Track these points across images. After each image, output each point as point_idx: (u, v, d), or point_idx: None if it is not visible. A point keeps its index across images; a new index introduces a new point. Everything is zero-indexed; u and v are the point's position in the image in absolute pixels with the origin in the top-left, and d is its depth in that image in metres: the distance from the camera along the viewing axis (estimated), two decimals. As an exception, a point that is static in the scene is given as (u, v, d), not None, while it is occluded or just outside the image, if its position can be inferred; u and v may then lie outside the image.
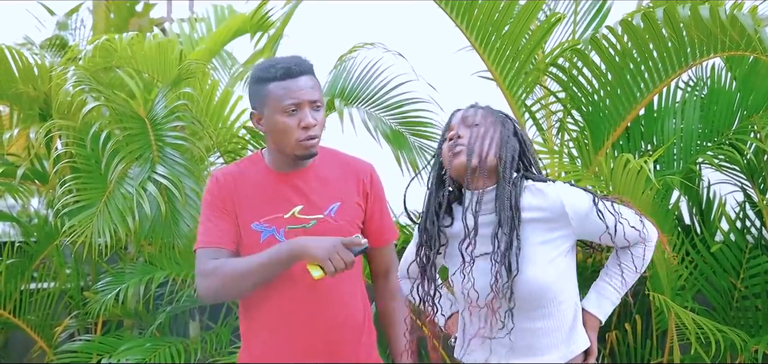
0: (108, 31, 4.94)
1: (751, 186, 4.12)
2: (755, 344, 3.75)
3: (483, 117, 2.47)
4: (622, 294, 2.57)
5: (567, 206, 2.41)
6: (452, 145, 2.43)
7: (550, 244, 2.42)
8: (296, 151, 2.59)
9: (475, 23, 3.74)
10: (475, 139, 2.42)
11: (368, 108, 4.26)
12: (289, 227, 2.61)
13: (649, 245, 2.54)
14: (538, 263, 2.38)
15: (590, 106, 3.82)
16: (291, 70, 2.60)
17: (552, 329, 2.43)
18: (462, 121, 2.47)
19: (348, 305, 2.68)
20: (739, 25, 3.03)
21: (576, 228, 2.43)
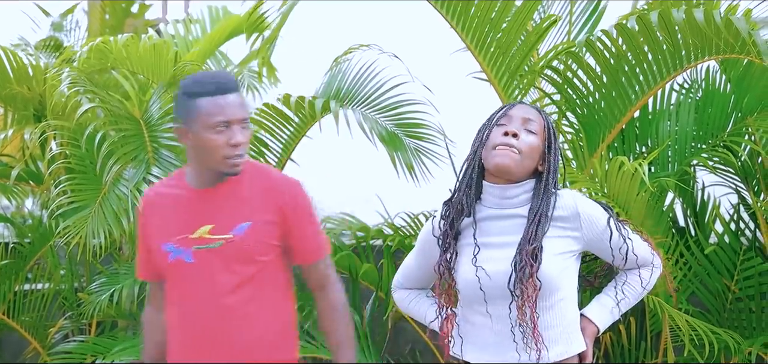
0: (103, 32, 4.93)
1: (745, 188, 4.14)
2: (749, 345, 3.76)
3: (540, 127, 2.48)
4: (622, 311, 2.59)
5: (581, 210, 2.45)
6: (505, 142, 2.43)
7: (558, 240, 2.44)
8: (221, 168, 2.51)
9: (470, 25, 3.75)
10: (526, 150, 2.44)
11: (364, 109, 4.26)
12: (196, 247, 2.54)
13: (655, 271, 2.58)
14: (546, 254, 2.40)
15: (585, 108, 3.83)
16: (222, 86, 2.51)
17: (552, 324, 2.44)
18: (522, 120, 2.47)
19: (255, 326, 2.57)
20: (733, 29, 3.04)
21: (585, 234, 2.46)
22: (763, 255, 4.08)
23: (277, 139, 4.53)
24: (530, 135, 2.45)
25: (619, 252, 2.50)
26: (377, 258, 4.44)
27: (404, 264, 2.74)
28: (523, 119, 2.47)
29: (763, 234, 4.07)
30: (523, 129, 2.45)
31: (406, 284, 2.74)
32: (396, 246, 4.30)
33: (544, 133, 2.48)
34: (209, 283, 2.52)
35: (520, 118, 2.47)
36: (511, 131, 2.43)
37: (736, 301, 4.04)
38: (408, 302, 2.75)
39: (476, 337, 2.50)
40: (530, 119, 2.47)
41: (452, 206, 2.52)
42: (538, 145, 2.46)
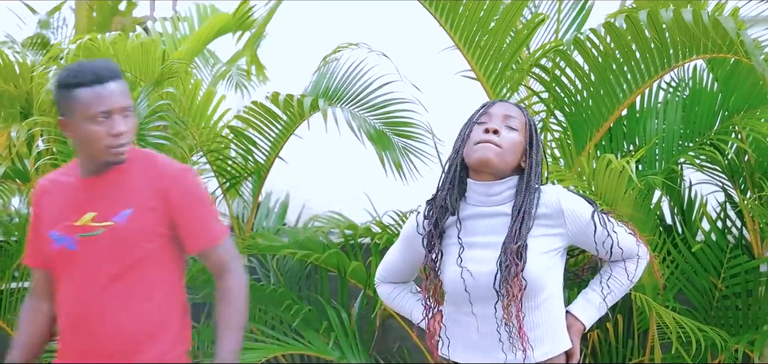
0: (90, 30, 4.92)
1: (732, 186, 4.16)
2: (735, 343, 3.78)
3: (522, 123, 2.49)
4: (609, 306, 2.59)
5: (564, 206, 2.45)
6: (486, 139, 2.44)
7: (543, 238, 2.44)
8: (105, 158, 2.50)
9: (458, 23, 3.75)
10: (507, 147, 2.45)
11: (352, 108, 4.26)
12: (80, 234, 2.53)
13: (641, 262, 2.58)
14: (530, 254, 2.40)
15: (573, 106, 3.84)
16: (100, 75, 2.48)
17: (539, 323, 2.45)
18: (503, 117, 2.48)
19: (137, 314, 2.53)
20: (721, 28, 3.06)
21: (570, 229, 2.46)
22: (750, 253, 4.10)
23: (265, 138, 4.53)
24: (511, 131, 2.46)
25: (603, 247, 2.50)
26: (365, 256, 4.45)
27: (387, 257, 2.74)
28: (504, 116, 2.48)
29: (749, 232, 4.09)
30: (504, 126, 2.47)
31: (389, 277, 2.74)
32: (384, 244, 4.30)
33: (525, 130, 2.49)
34: (92, 270, 2.51)
35: (501, 115, 2.49)
36: (491, 128, 2.44)
37: (723, 298, 4.06)
38: (393, 298, 2.75)
39: (463, 337, 2.50)
40: (511, 116, 2.48)
41: (436, 205, 2.52)
42: (520, 142, 2.47)
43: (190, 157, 4.42)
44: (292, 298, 4.30)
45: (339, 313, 4.32)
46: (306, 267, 4.67)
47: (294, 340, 4.19)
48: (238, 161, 4.62)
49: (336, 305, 4.36)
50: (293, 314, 4.19)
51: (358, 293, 4.49)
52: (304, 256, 4.23)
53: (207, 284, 4.19)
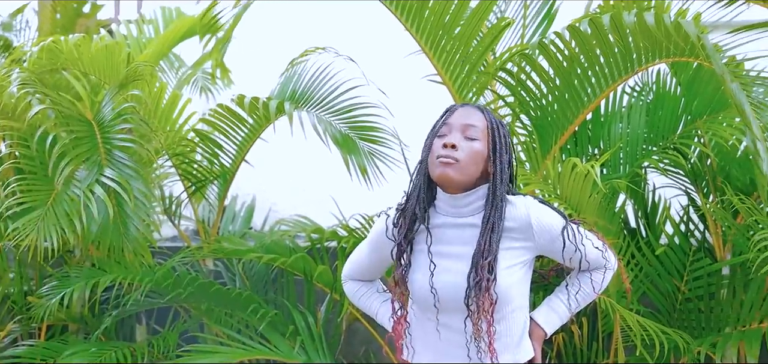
0: (54, 32, 4.87)
1: (695, 190, 4.20)
2: (698, 345, 3.82)
3: (489, 130, 2.43)
4: (572, 314, 2.59)
5: (533, 219, 2.41)
6: (444, 155, 2.39)
7: (510, 251, 2.42)
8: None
9: (424, 27, 3.76)
10: (468, 160, 2.39)
11: (318, 112, 4.26)
12: None
13: (608, 273, 2.57)
14: (498, 267, 2.38)
15: (538, 110, 3.86)
16: None
17: (502, 335, 2.43)
18: (462, 127, 2.42)
19: None
20: (683, 32, 3.08)
21: (538, 242, 2.43)
22: (712, 256, 4.15)
23: (231, 141, 4.52)
24: (471, 141, 2.41)
25: (570, 261, 2.49)
26: (332, 260, 4.44)
27: (354, 256, 2.71)
28: (463, 126, 2.42)
29: (712, 235, 4.14)
30: (464, 137, 2.41)
31: (355, 275, 2.73)
32: (350, 248, 4.30)
33: (488, 135, 2.43)
34: None
35: (460, 125, 2.43)
36: (449, 143, 2.39)
37: (686, 301, 4.10)
38: (359, 296, 2.74)
39: (427, 342, 2.49)
40: (471, 125, 2.43)
41: (405, 215, 2.49)
42: (481, 150, 2.41)
43: (156, 160, 4.40)
44: (258, 302, 4.28)
45: (305, 317, 4.31)
46: (272, 271, 4.66)
47: (260, 344, 4.17)
48: (204, 165, 4.59)
49: (302, 309, 4.35)
50: (259, 318, 4.17)
51: (324, 296, 4.48)
52: (270, 260, 4.22)
53: (172, 289, 4.17)
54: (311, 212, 4.86)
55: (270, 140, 4.48)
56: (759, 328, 3.83)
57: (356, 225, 4.44)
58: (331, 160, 4.37)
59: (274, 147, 4.64)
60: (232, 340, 4.22)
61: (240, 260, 4.66)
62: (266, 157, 4.83)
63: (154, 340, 4.44)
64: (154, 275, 4.16)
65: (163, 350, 4.36)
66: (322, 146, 4.15)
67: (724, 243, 4.11)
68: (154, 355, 4.38)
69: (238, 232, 5.08)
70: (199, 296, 4.33)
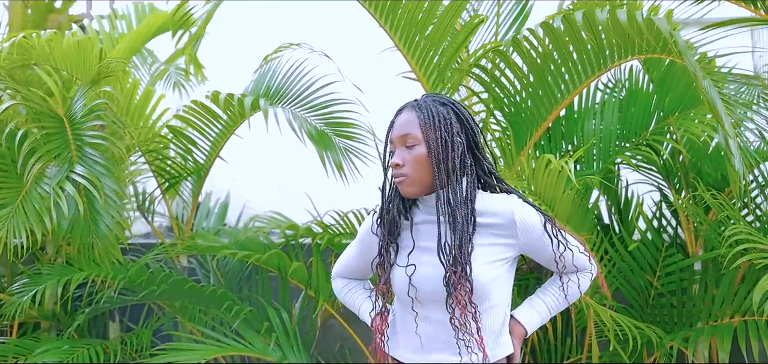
0: (25, 28, 4.82)
1: (667, 186, 4.23)
2: (670, 340, 3.84)
3: (423, 127, 2.41)
4: (553, 314, 2.60)
5: (517, 217, 2.42)
6: (395, 174, 2.41)
7: (492, 247, 2.43)
8: None
9: (398, 24, 3.76)
10: (415, 169, 2.40)
11: (293, 108, 4.24)
12: None
13: (590, 276, 2.58)
14: (477, 262, 2.39)
15: (512, 107, 3.87)
16: None
17: (482, 329, 2.44)
18: (400, 140, 2.42)
19: None
20: (655, 29, 3.10)
21: (522, 241, 2.43)
22: (684, 252, 4.18)
23: (205, 137, 4.50)
24: (412, 150, 2.41)
25: (560, 259, 2.48)
26: (306, 256, 4.43)
27: (344, 256, 2.73)
28: (401, 139, 2.42)
29: (684, 231, 4.17)
30: (405, 149, 2.42)
31: (345, 273, 2.74)
32: (325, 244, 4.30)
33: (426, 133, 2.41)
34: None
35: (399, 137, 2.42)
36: (394, 163, 2.41)
37: (659, 296, 4.13)
38: (344, 293, 2.75)
39: (408, 336, 2.51)
40: (408, 133, 2.41)
41: (385, 217, 2.51)
42: (423, 154, 2.40)
43: (128, 157, 4.37)
44: (233, 299, 4.26)
45: (280, 313, 4.30)
46: (246, 268, 4.64)
47: (234, 341, 4.16)
48: (178, 161, 4.57)
49: (277, 306, 4.34)
50: (234, 315, 4.15)
51: (299, 293, 4.47)
52: (245, 256, 4.20)
53: (146, 286, 4.15)
54: (286, 208, 4.85)
55: (244, 137, 4.46)
56: (730, 323, 3.86)
57: (331, 221, 4.44)
58: (305, 157, 4.36)
59: (248, 143, 4.62)
60: (206, 337, 4.20)
61: (214, 256, 4.64)
62: (241, 153, 4.82)
63: (128, 337, 4.42)
64: (128, 272, 4.14)
65: (137, 348, 4.34)
66: (297, 143, 4.14)
67: (696, 239, 4.14)
68: (128, 353, 4.35)
69: (213, 229, 5.06)
70: (173, 293, 4.31)
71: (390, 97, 4.54)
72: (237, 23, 5.57)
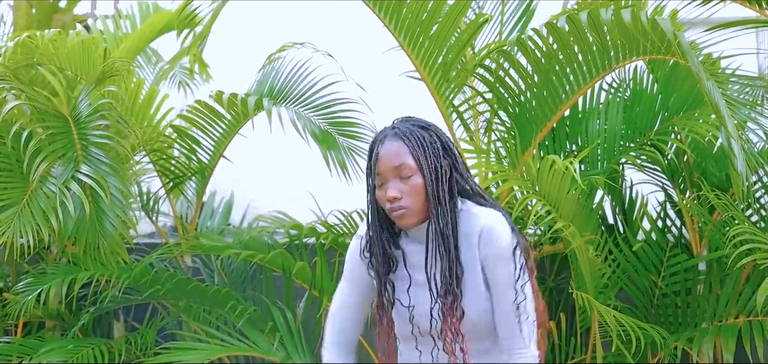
0: (30, 27, 4.83)
1: (672, 186, 4.23)
2: (675, 340, 3.84)
3: (415, 156, 2.33)
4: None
5: (484, 225, 2.34)
6: (393, 208, 2.32)
7: (480, 274, 2.37)
8: None
9: (403, 23, 3.76)
10: (414, 200, 2.32)
11: (297, 108, 4.25)
12: None
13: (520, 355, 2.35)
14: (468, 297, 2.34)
15: (517, 107, 3.87)
16: None
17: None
18: (393, 171, 2.33)
19: None
20: (659, 30, 3.10)
21: (482, 252, 2.35)
22: (689, 252, 4.18)
23: (209, 137, 4.50)
24: (408, 180, 2.33)
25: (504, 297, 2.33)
26: (311, 256, 4.43)
27: (337, 304, 2.57)
28: (394, 170, 2.33)
29: (688, 231, 4.16)
30: (399, 181, 2.33)
31: (344, 324, 2.55)
32: (329, 244, 4.30)
33: (419, 161, 2.34)
34: None
35: (391, 170, 2.33)
36: (390, 197, 2.32)
37: (663, 297, 4.12)
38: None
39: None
40: (401, 164, 2.33)
41: (375, 251, 2.42)
42: (420, 183, 2.32)
43: (133, 157, 4.37)
44: (237, 298, 4.27)
45: (284, 313, 4.30)
46: (250, 267, 4.64)
47: (238, 341, 4.16)
48: (182, 161, 4.57)
49: (281, 306, 4.34)
50: (238, 315, 4.16)
51: (303, 293, 4.47)
52: (249, 256, 4.21)
53: (150, 285, 4.15)
54: (290, 208, 4.85)
55: (248, 136, 4.47)
56: (735, 323, 3.85)
57: (335, 221, 4.44)
58: (309, 157, 4.36)
59: (252, 143, 4.62)
60: (210, 336, 4.20)
61: (218, 256, 4.65)
62: (245, 153, 4.82)
63: (132, 337, 4.42)
64: (132, 271, 4.14)
65: (141, 347, 4.34)
66: (301, 142, 4.14)
67: (701, 239, 4.14)
68: (132, 352, 4.36)
69: (217, 228, 5.06)
70: (178, 293, 4.31)
71: (394, 97, 4.55)
72: (240, 22, 5.57)
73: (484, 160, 4.00)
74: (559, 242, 4.16)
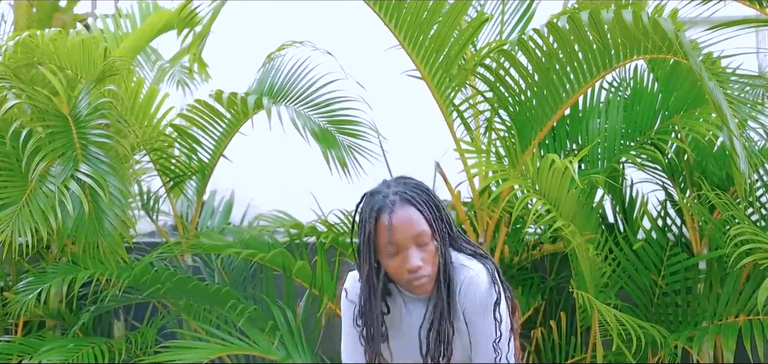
0: (30, 26, 4.82)
1: (672, 185, 4.22)
2: (675, 339, 3.84)
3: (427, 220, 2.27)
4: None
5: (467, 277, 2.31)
6: (414, 278, 2.26)
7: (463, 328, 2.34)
8: None
9: (403, 22, 3.75)
10: (433, 266, 2.27)
11: (297, 106, 4.24)
12: None
13: None
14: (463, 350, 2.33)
15: (517, 105, 3.87)
16: None
17: None
18: (413, 240, 2.26)
19: None
20: (660, 29, 3.10)
21: (463, 304, 2.32)
22: (689, 251, 4.17)
23: (209, 136, 4.50)
24: (426, 248, 2.27)
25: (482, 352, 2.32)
26: (311, 255, 4.43)
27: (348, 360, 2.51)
28: (413, 238, 2.26)
29: (688, 230, 4.16)
30: (417, 248, 2.27)
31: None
32: (330, 243, 4.30)
33: (431, 225, 2.28)
34: None
35: (410, 238, 2.26)
36: (412, 267, 2.25)
37: (663, 295, 4.12)
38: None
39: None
40: (418, 232, 2.26)
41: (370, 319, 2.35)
42: (435, 246, 2.29)
43: (133, 156, 4.37)
44: (237, 297, 4.27)
45: (284, 312, 4.30)
46: (251, 266, 4.64)
47: (239, 340, 4.16)
48: (182, 160, 4.57)
49: (281, 305, 4.34)
50: (238, 314, 4.16)
51: (303, 292, 4.47)
52: (249, 255, 4.20)
53: (151, 284, 4.15)
54: (290, 207, 4.85)
55: (248, 135, 4.46)
56: (735, 322, 3.85)
57: (335, 220, 4.44)
58: (309, 155, 4.36)
59: (252, 142, 4.62)
60: (210, 335, 4.20)
61: (219, 255, 4.65)
62: (245, 152, 4.82)
63: (133, 336, 4.42)
64: (133, 270, 4.14)
65: (142, 346, 4.34)
66: (301, 141, 4.14)
67: (701, 238, 4.14)
68: (133, 351, 4.36)
69: (217, 227, 5.06)
70: (178, 292, 4.31)
71: (394, 95, 4.55)
72: (240, 22, 5.57)
73: (485, 160, 3.99)
74: (559, 240, 4.16)
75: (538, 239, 4.26)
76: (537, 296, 4.20)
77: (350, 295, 2.45)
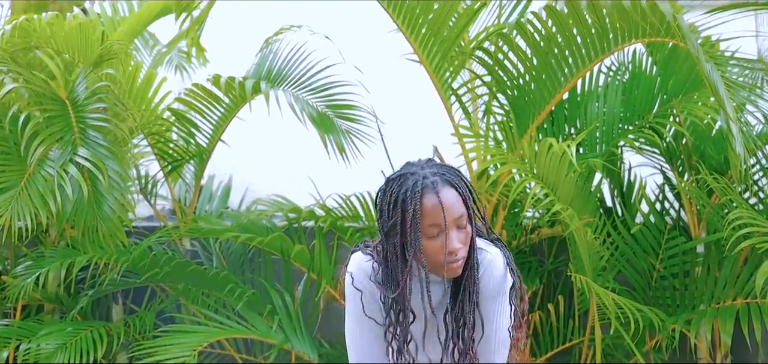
0: (27, 10, 4.80)
1: (670, 169, 4.23)
2: (672, 322, 3.85)
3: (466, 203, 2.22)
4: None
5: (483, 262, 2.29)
6: (453, 260, 2.19)
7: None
8: None
9: (401, 6, 3.75)
10: (466, 249, 2.23)
11: (294, 91, 4.24)
12: None
13: None
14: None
15: (515, 90, 3.87)
16: None
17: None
18: (455, 222, 2.20)
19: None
20: (659, 13, 3.10)
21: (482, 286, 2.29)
22: (687, 234, 4.18)
23: (207, 121, 4.49)
24: (464, 230, 2.22)
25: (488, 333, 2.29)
26: (309, 239, 4.43)
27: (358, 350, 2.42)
28: (455, 221, 2.20)
29: (687, 214, 4.17)
30: (458, 230, 2.21)
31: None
32: (328, 227, 4.30)
33: (468, 208, 2.24)
34: None
35: (452, 221, 2.20)
36: (454, 249, 2.20)
37: (661, 279, 4.13)
38: None
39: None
40: (460, 215, 2.21)
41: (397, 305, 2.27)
42: (470, 228, 2.24)
43: (131, 140, 4.37)
44: (235, 282, 4.27)
45: (282, 296, 4.30)
46: (249, 251, 4.64)
47: (237, 324, 4.17)
48: (180, 144, 4.57)
49: (279, 289, 4.34)
50: (236, 298, 4.16)
51: (301, 276, 4.48)
52: (247, 239, 4.21)
53: (149, 269, 4.15)
54: (288, 191, 4.84)
55: (246, 119, 4.46)
56: (733, 305, 3.87)
57: (333, 204, 4.44)
58: (308, 139, 4.36)
59: (250, 126, 4.61)
60: (209, 319, 4.21)
61: (217, 239, 4.65)
62: (243, 136, 4.81)
63: (131, 319, 4.43)
64: (131, 254, 4.15)
65: (140, 330, 4.34)
66: (299, 125, 4.14)
67: (699, 221, 4.15)
68: (131, 334, 4.36)
69: (215, 212, 5.06)
70: (176, 276, 4.32)
71: (392, 79, 4.55)
72: (238, 5, 5.55)
73: (483, 144, 3.99)
74: (557, 224, 4.16)
75: (536, 223, 4.27)
76: (535, 280, 4.21)
77: (357, 281, 2.35)
